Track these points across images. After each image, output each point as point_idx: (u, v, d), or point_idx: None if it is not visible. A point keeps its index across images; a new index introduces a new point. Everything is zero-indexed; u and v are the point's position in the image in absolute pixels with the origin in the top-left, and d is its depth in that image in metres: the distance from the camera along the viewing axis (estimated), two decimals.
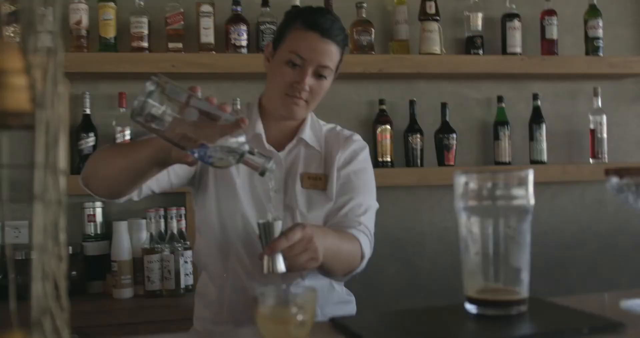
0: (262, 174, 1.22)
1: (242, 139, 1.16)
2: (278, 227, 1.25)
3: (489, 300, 0.96)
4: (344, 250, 1.49)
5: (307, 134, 1.68)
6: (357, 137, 1.76)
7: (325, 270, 1.49)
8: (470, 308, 0.98)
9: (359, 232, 1.58)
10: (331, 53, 1.56)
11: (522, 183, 0.93)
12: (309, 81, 1.56)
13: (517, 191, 0.92)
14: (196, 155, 1.13)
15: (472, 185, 0.94)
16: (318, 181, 1.65)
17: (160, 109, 1.10)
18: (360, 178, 1.68)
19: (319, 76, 1.57)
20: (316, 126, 1.73)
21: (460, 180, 0.97)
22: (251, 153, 1.18)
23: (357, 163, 1.70)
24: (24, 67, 0.47)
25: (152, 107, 1.09)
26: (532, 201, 0.94)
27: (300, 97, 1.57)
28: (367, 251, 1.58)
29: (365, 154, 1.74)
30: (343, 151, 1.70)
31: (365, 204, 1.65)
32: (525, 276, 0.96)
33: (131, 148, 1.37)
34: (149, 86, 1.09)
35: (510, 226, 0.93)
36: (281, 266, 1.24)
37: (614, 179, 0.97)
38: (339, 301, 1.72)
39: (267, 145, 1.64)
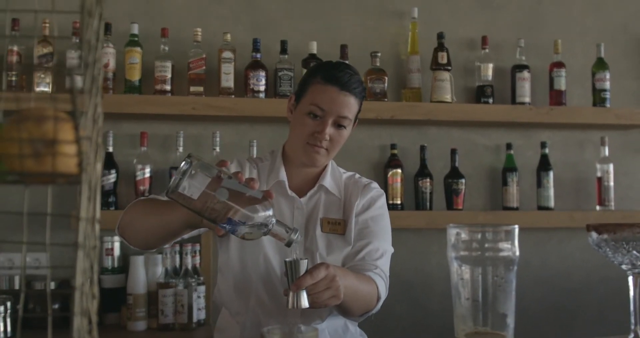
0: (288, 245, 1.34)
1: (269, 213, 1.28)
2: (304, 265, 1.35)
3: None
4: (362, 290, 1.58)
5: (327, 181, 1.78)
6: (375, 185, 1.86)
7: (343, 309, 1.57)
8: None
9: (375, 275, 1.67)
10: (350, 105, 1.67)
11: (509, 236, 1.02)
12: (329, 130, 1.66)
13: (504, 244, 1.01)
14: (227, 228, 1.24)
15: (464, 236, 1.03)
16: (337, 226, 1.74)
17: (193, 187, 1.21)
18: (377, 224, 1.78)
19: (338, 126, 1.68)
20: (336, 174, 1.83)
21: (453, 232, 1.06)
22: (278, 225, 1.31)
23: (374, 210, 1.80)
24: (75, 139, 0.57)
25: (185, 184, 1.21)
26: (517, 253, 1.02)
27: (321, 146, 1.67)
28: (383, 293, 1.67)
29: (382, 202, 1.83)
30: (362, 198, 1.79)
31: (382, 249, 1.74)
32: (510, 321, 1.04)
33: (166, 208, 1.45)
34: (183, 166, 1.21)
35: (497, 275, 1.02)
36: (305, 302, 1.33)
37: (594, 235, 1.05)
38: None
39: (289, 191, 1.74)
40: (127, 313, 2.40)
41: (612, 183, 2.97)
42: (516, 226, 1.02)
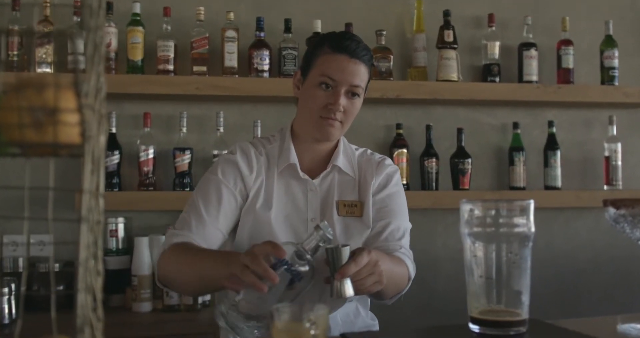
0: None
1: (304, 269, 1.32)
2: (346, 253, 1.32)
3: (490, 321, 1.02)
4: (396, 272, 1.56)
5: (340, 160, 1.72)
6: (389, 161, 1.81)
7: (378, 293, 1.53)
8: (474, 328, 1.04)
9: (402, 255, 1.65)
10: (361, 72, 1.62)
11: (524, 211, 0.99)
12: (342, 101, 1.60)
13: (519, 220, 0.99)
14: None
15: (477, 212, 1.00)
16: (354, 208, 1.69)
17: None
18: (395, 202, 1.74)
19: (351, 95, 1.62)
20: (348, 151, 1.77)
21: (466, 207, 1.03)
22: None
23: (391, 187, 1.75)
24: (77, 107, 0.54)
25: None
26: (532, 228, 1.00)
27: (335, 118, 1.61)
28: (412, 272, 1.66)
29: (397, 178, 1.79)
30: (377, 176, 1.74)
31: (403, 227, 1.72)
32: (525, 298, 1.01)
33: (205, 271, 1.44)
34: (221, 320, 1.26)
35: (512, 252, 0.99)
36: (350, 290, 1.30)
37: (611, 210, 1.02)
38: (364, 326, 1.75)
39: (301, 174, 1.68)
40: (132, 295, 2.39)
41: (619, 163, 2.95)
42: (531, 201, 0.99)
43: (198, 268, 1.46)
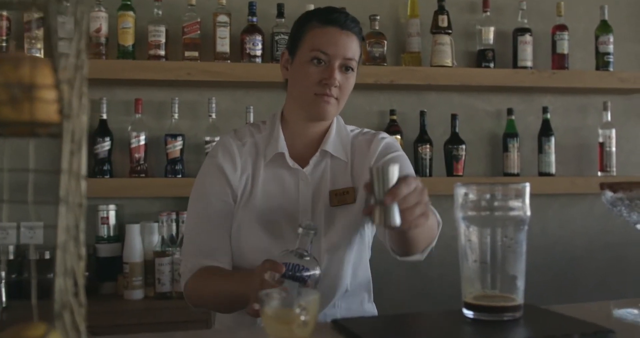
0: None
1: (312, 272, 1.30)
2: (395, 172, 1.10)
3: (485, 306, 1.01)
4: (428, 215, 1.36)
5: (330, 144, 1.61)
6: (384, 134, 1.69)
7: (411, 240, 1.38)
8: (468, 313, 1.03)
9: None
10: (353, 45, 1.55)
11: (519, 195, 0.97)
12: (337, 75, 1.52)
13: (514, 203, 0.97)
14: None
15: (472, 196, 0.98)
16: (346, 196, 1.59)
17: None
18: (401, 162, 1.59)
19: (345, 69, 1.54)
20: (343, 133, 1.66)
21: (460, 191, 1.01)
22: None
23: (394, 153, 1.63)
24: (55, 83, 0.52)
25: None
26: (528, 212, 0.98)
27: (331, 94, 1.52)
28: (439, 218, 1.54)
29: (398, 146, 1.67)
30: (374, 151, 1.62)
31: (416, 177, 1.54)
32: (520, 283, 1.00)
33: (234, 297, 1.40)
34: None
35: (507, 236, 0.97)
36: (397, 218, 1.08)
37: (608, 194, 1.01)
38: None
39: (291, 163, 1.60)
40: (124, 282, 2.37)
41: (614, 149, 2.93)
42: (527, 184, 0.97)
43: (226, 294, 1.45)
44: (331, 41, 1.52)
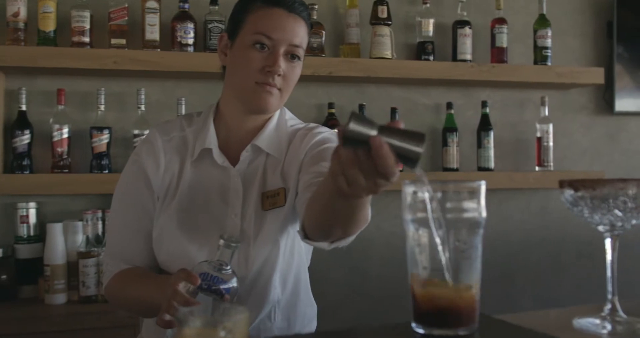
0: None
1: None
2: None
3: (437, 320, 0.92)
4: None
5: (263, 139, 1.46)
6: (323, 128, 1.54)
7: (353, 219, 1.22)
8: (417, 329, 0.93)
9: None
10: (300, 31, 1.41)
11: (474, 195, 0.89)
12: (282, 63, 1.38)
13: (469, 204, 0.88)
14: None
15: (422, 196, 0.89)
16: (277, 198, 1.44)
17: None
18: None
19: (291, 57, 1.41)
20: (282, 128, 1.51)
21: (409, 190, 0.92)
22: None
23: (329, 144, 1.44)
24: None
25: None
26: (484, 213, 0.90)
27: (274, 84, 1.38)
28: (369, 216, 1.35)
29: (335, 139, 1.39)
30: (307, 144, 1.46)
31: None
32: (476, 292, 0.92)
33: (150, 304, 1.29)
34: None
35: (460, 240, 0.89)
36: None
37: (568, 192, 0.94)
38: (301, 312, 1.55)
39: (219, 160, 1.45)
40: (45, 286, 2.23)
41: (551, 143, 2.93)
42: (483, 182, 0.89)
43: (142, 300, 1.36)
44: (277, 24, 1.38)
